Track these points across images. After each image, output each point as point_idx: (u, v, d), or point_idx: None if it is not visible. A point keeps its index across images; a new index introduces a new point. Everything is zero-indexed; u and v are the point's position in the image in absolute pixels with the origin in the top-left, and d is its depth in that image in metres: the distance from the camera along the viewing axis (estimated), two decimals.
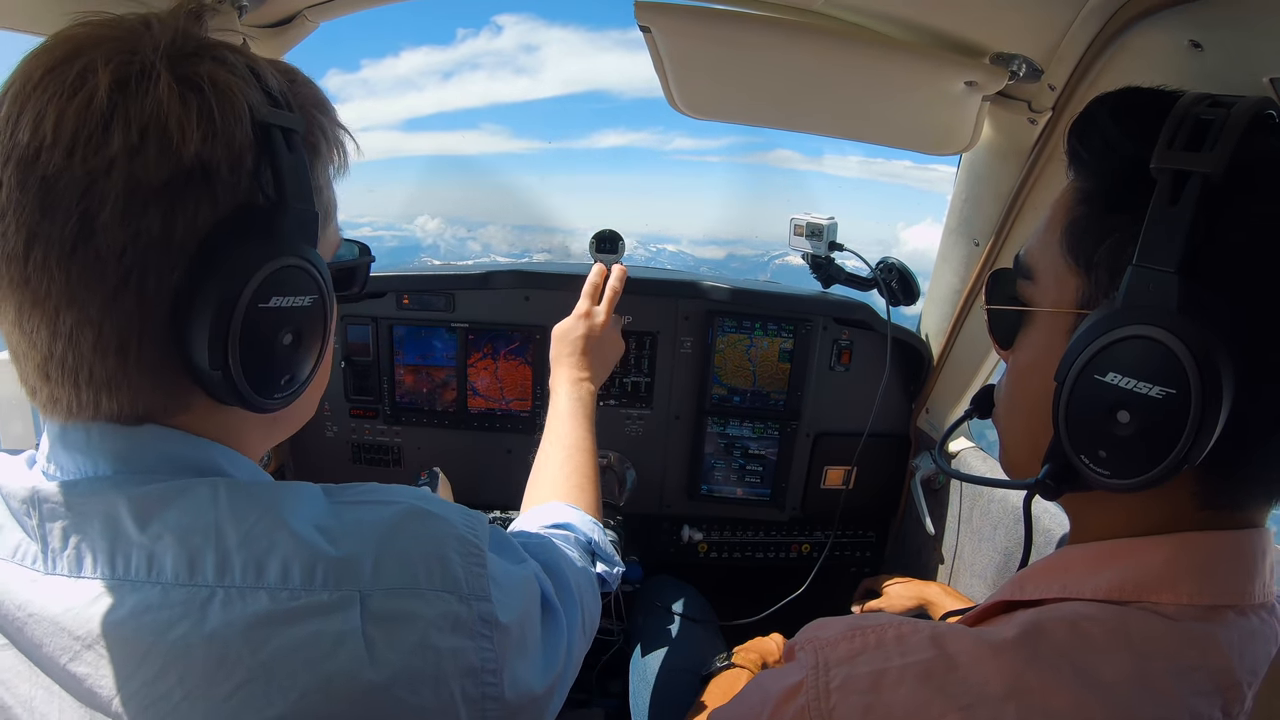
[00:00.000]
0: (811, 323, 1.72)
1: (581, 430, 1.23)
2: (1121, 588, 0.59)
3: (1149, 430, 0.54)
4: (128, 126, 0.50)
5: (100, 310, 0.52)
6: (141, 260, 0.52)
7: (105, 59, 0.51)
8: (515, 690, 0.64)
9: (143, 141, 0.51)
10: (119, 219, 0.51)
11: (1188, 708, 0.54)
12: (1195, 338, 0.51)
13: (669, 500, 1.89)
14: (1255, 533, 0.59)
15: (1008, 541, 1.44)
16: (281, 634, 0.54)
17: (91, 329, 0.53)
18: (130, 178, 0.51)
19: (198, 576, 0.54)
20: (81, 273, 0.51)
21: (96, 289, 0.52)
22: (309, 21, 1.27)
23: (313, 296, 0.61)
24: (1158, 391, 0.53)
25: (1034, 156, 1.20)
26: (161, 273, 0.53)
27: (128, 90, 0.51)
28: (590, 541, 1.02)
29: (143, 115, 0.51)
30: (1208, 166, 0.52)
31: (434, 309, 1.72)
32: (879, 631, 0.60)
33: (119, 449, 0.58)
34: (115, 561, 0.55)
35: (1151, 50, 0.88)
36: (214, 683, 0.52)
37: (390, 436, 1.83)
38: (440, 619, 0.58)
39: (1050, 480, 0.63)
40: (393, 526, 0.61)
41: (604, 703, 1.77)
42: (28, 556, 0.57)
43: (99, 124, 0.50)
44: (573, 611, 0.82)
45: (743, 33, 1.10)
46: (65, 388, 0.55)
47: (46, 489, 0.57)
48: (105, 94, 0.50)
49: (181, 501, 0.56)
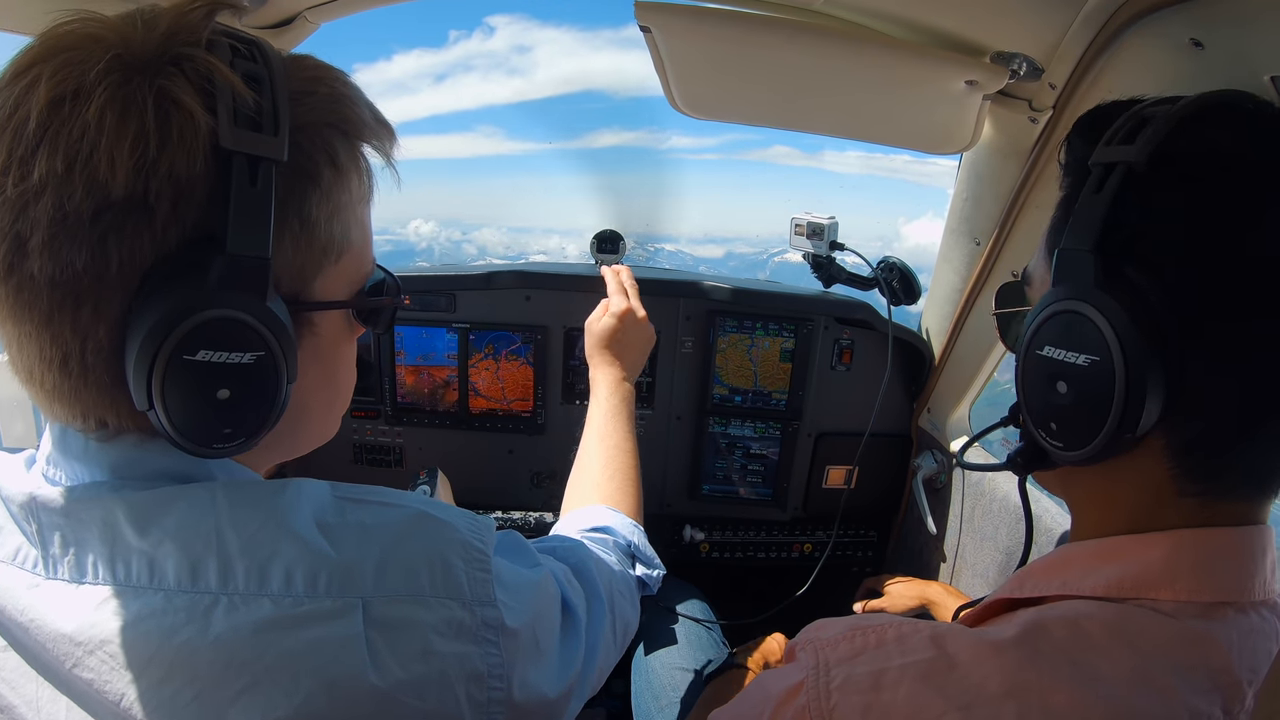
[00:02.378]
0: (813, 322, 1.72)
1: (624, 431, 1.23)
2: (1121, 584, 0.59)
3: (1084, 398, 0.59)
4: (54, 154, 0.47)
5: (38, 329, 0.51)
6: (73, 291, 0.49)
7: (51, 72, 0.48)
8: (525, 694, 0.64)
9: (68, 172, 0.47)
10: (44, 248, 0.48)
11: (1187, 706, 0.54)
12: (1109, 307, 0.56)
13: (670, 500, 1.89)
14: (1256, 529, 0.59)
15: (1009, 540, 1.44)
16: (286, 638, 0.54)
17: (33, 344, 0.52)
18: (57, 207, 0.47)
19: (200, 583, 0.54)
20: (17, 294, 0.50)
21: (32, 311, 0.50)
22: (309, 23, 1.27)
23: (256, 353, 0.53)
24: (1084, 360, 0.58)
25: (1035, 155, 1.20)
26: (98, 304, 0.50)
27: (60, 112, 0.47)
28: (630, 545, 1.01)
29: (70, 142, 0.47)
30: (1130, 157, 0.57)
31: (435, 309, 1.72)
32: (879, 631, 0.60)
33: (116, 458, 0.58)
34: (115, 568, 0.55)
35: (1152, 49, 0.88)
36: (222, 684, 0.52)
37: (391, 437, 1.83)
38: (443, 625, 0.58)
39: (1019, 458, 0.69)
40: (396, 531, 0.60)
41: (606, 703, 1.77)
42: (28, 560, 0.57)
43: (29, 148, 0.47)
44: (599, 615, 0.81)
45: (743, 32, 1.10)
46: (32, 391, 0.55)
47: (45, 495, 0.57)
48: (37, 115, 0.47)
49: (180, 506, 0.56)
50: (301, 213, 0.56)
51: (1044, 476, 0.72)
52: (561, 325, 1.72)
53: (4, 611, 0.57)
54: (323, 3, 1.22)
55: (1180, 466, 0.59)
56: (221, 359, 0.52)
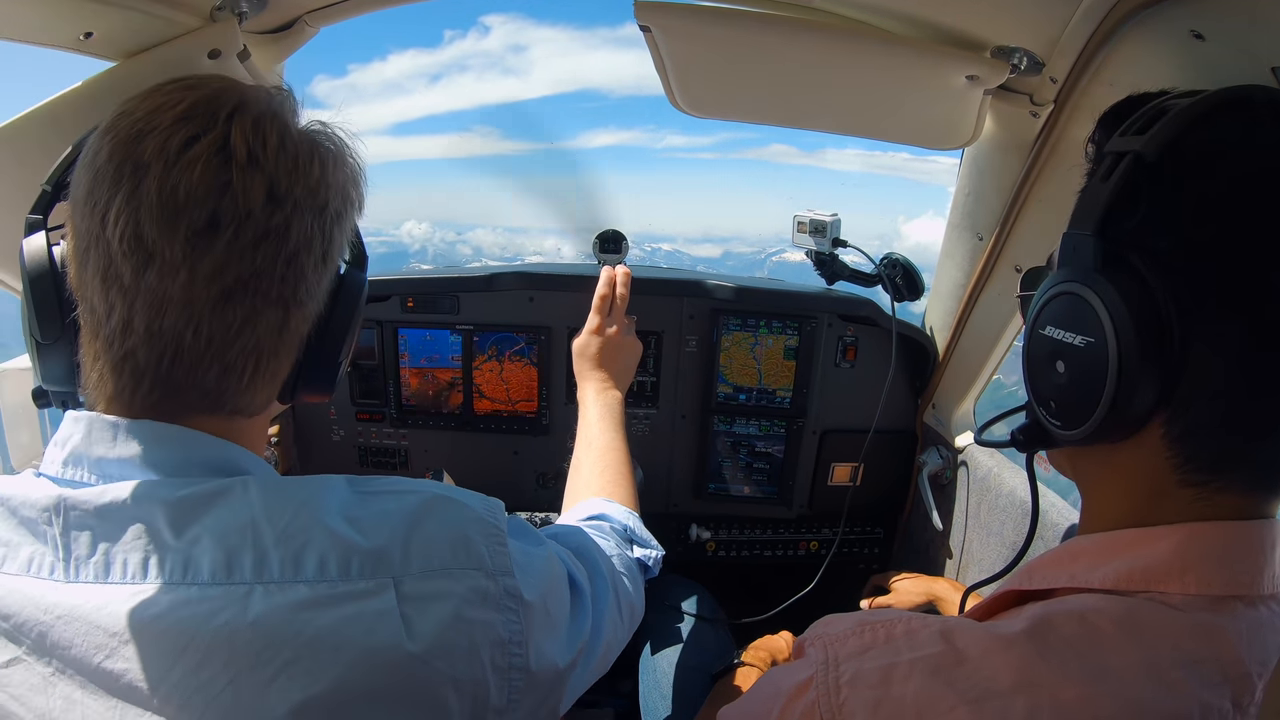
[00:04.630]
0: (816, 320, 1.72)
1: (611, 433, 1.27)
2: (1129, 577, 0.59)
3: (1079, 378, 0.60)
4: (343, 167, 0.69)
5: (306, 315, 0.68)
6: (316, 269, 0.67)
7: (252, 123, 0.63)
8: (540, 663, 0.68)
9: (356, 181, 0.70)
10: (334, 251, 0.70)
11: (1198, 699, 0.54)
12: (1106, 290, 0.57)
13: (676, 499, 1.89)
14: (1265, 524, 0.59)
15: (1015, 536, 1.44)
16: (324, 614, 0.57)
17: (290, 327, 0.67)
18: (349, 217, 0.71)
19: (235, 575, 0.57)
20: (315, 282, 0.67)
21: (316, 298, 0.68)
22: (309, 27, 1.27)
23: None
24: (1080, 340, 0.60)
25: (1036, 149, 1.20)
26: (313, 290, 0.68)
27: (344, 150, 0.70)
28: (626, 528, 1.05)
29: (348, 166, 0.70)
30: (1139, 146, 0.57)
31: (438, 311, 1.72)
32: (888, 627, 0.60)
33: (156, 450, 0.61)
34: (148, 566, 0.57)
35: (1153, 42, 0.88)
36: (259, 665, 0.55)
37: (396, 439, 1.83)
38: (471, 593, 0.63)
39: (1022, 435, 0.70)
40: (417, 514, 0.64)
41: (614, 702, 1.78)
42: (44, 569, 0.58)
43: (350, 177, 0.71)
44: (603, 591, 0.86)
45: (743, 31, 1.10)
46: (217, 375, 0.63)
47: (75, 496, 0.58)
48: (336, 140, 0.70)
49: (220, 503, 0.59)
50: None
51: (1056, 459, 0.73)
52: (565, 326, 1.72)
53: (19, 616, 0.57)
54: (322, 7, 1.22)
55: (1179, 455, 0.59)
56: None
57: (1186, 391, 0.56)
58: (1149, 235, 0.58)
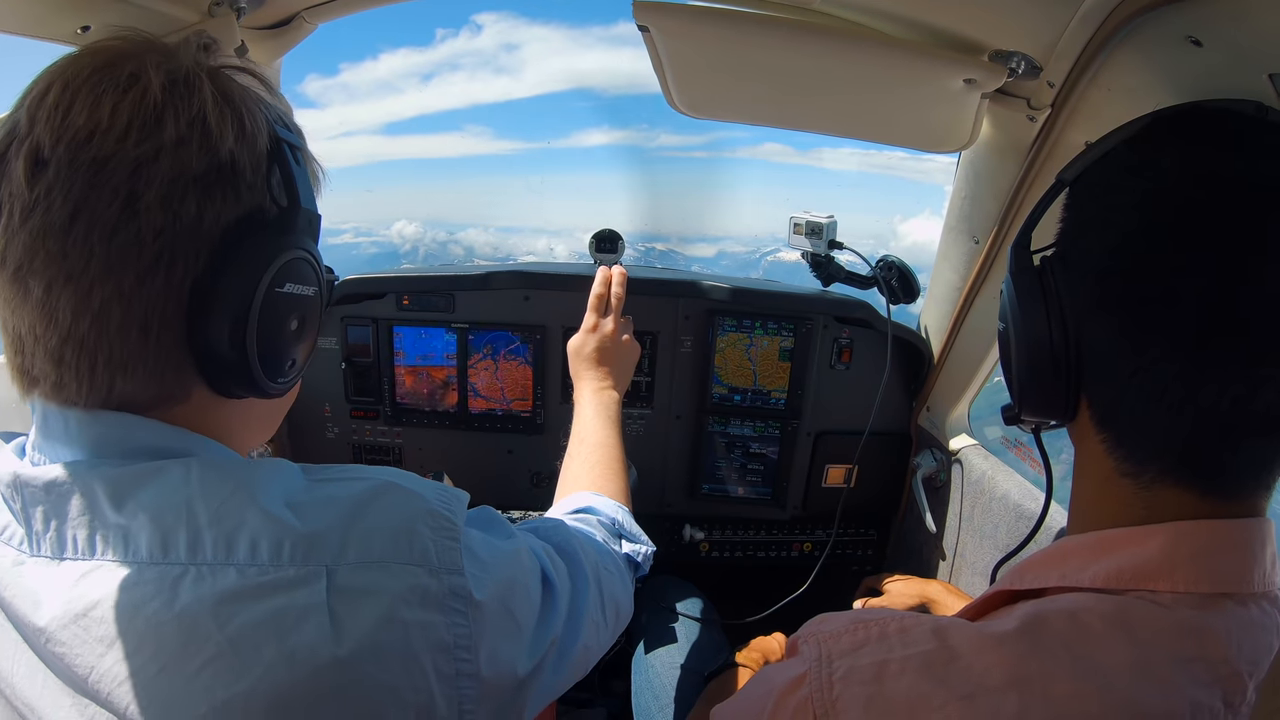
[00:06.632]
0: (812, 321, 1.72)
1: (605, 430, 1.25)
2: (1119, 575, 0.59)
3: (1004, 359, 0.73)
4: (177, 119, 0.57)
5: (132, 287, 0.56)
6: (173, 244, 0.57)
7: (154, 64, 0.58)
8: (494, 668, 0.64)
9: (189, 133, 0.57)
10: (161, 202, 0.56)
11: (1189, 698, 0.54)
12: (1013, 286, 0.69)
13: (670, 499, 1.89)
14: (1254, 522, 0.59)
15: (1009, 539, 1.45)
16: (248, 609, 0.54)
17: (120, 305, 0.56)
18: (176, 164, 0.56)
19: (171, 555, 0.56)
20: (120, 250, 0.55)
21: (131, 266, 0.56)
22: (307, 24, 1.28)
23: (314, 288, 0.68)
24: (1001, 326, 0.73)
25: (1033, 154, 1.21)
26: (188, 259, 0.58)
27: (177, 90, 0.58)
28: (615, 522, 1.02)
29: (190, 112, 0.57)
30: (1065, 174, 0.69)
31: (434, 309, 1.72)
32: (881, 624, 0.60)
33: (98, 436, 0.60)
34: (95, 542, 0.56)
35: (1150, 48, 0.88)
36: (185, 658, 0.53)
37: (391, 437, 1.83)
38: (408, 592, 0.59)
39: (1004, 411, 0.79)
40: (362, 501, 0.61)
41: (607, 702, 1.78)
42: (15, 537, 0.58)
43: (152, 115, 0.56)
44: (583, 589, 0.82)
45: (741, 32, 1.10)
46: (78, 371, 0.57)
47: (28, 474, 0.59)
48: (158, 91, 0.57)
49: (156, 481, 0.58)
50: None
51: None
52: (560, 325, 1.72)
53: None
54: (320, 3, 1.23)
55: (1108, 440, 0.63)
56: (298, 291, 0.65)
57: (1092, 379, 0.63)
58: (1061, 243, 0.68)
